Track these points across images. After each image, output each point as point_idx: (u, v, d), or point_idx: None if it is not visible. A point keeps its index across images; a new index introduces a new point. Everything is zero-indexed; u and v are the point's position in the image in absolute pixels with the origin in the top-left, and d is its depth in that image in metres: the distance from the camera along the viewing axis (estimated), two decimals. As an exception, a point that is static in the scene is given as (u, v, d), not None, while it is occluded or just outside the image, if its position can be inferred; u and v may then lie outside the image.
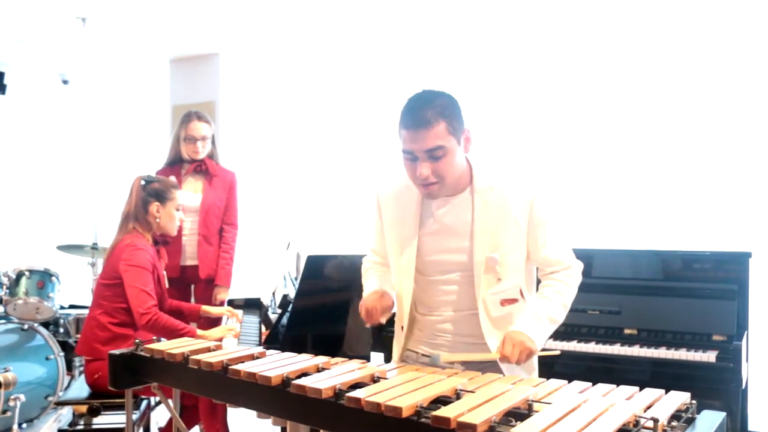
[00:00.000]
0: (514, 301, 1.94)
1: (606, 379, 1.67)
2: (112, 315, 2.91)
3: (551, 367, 3.13)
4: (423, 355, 2.05)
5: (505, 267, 1.91)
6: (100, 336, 2.91)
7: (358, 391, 1.50)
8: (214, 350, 2.02)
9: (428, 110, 1.78)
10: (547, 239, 1.94)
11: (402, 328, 2.06)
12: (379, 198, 2.10)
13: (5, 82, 5.61)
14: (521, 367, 1.95)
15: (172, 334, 2.79)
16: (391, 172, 2.11)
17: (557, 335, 3.14)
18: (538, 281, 2.06)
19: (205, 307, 3.34)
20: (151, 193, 3.03)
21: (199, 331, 2.92)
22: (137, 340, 2.15)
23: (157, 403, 3.56)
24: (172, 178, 3.38)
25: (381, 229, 2.11)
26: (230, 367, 1.79)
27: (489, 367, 1.91)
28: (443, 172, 1.83)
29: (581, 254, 3.34)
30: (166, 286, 3.22)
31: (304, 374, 1.70)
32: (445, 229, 1.96)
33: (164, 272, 3.12)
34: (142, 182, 3.06)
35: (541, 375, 2.03)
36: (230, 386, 1.78)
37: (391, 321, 2.17)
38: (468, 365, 1.94)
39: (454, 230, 1.95)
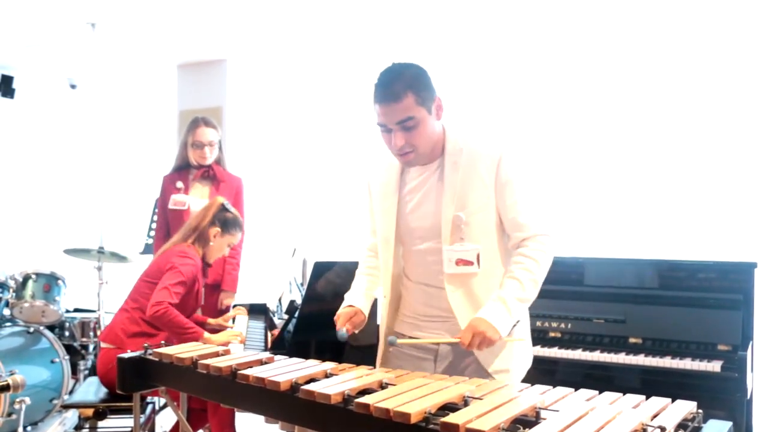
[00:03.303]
0: (469, 263, 1.93)
1: (611, 388, 1.67)
2: (145, 312, 2.97)
3: (554, 375, 3.15)
4: (410, 337, 2.08)
5: (471, 227, 1.93)
6: (128, 328, 2.99)
7: (366, 397, 1.51)
8: (222, 355, 2.03)
9: (396, 83, 1.86)
10: (515, 199, 1.93)
11: (384, 296, 2.11)
12: (369, 182, 2.17)
13: (14, 86, 5.65)
14: (499, 358, 1.98)
15: (179, 330, 2.85)
16: (377, 159, 2.18)
17: (562, 343, 3.15)
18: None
19: (211, 320, 3.38)
20: (221, 219, 3.18)
21: (206, 334, 2.94)
22: (146, 344, 2.17)
23: (162, 407, 3.57)
24: (197, 185, 3.52)
25: (372, 212, 2.17)
26: (239, 372, 1.80)
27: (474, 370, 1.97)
28: (416, 141, 1.90)
29: (587, 263, 3.39)
30: (202, 302, 3.32)
31: (313, 380, 1.71)
32: (421, 197, 2.00)
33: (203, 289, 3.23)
34: (221, 205, 3.21)
35: (544, 382, 2.04)
36: (239, 391, 1.80)
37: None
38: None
39: (427, 196, 1.99)
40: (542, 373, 3.12)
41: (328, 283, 2.96)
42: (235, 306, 3.62)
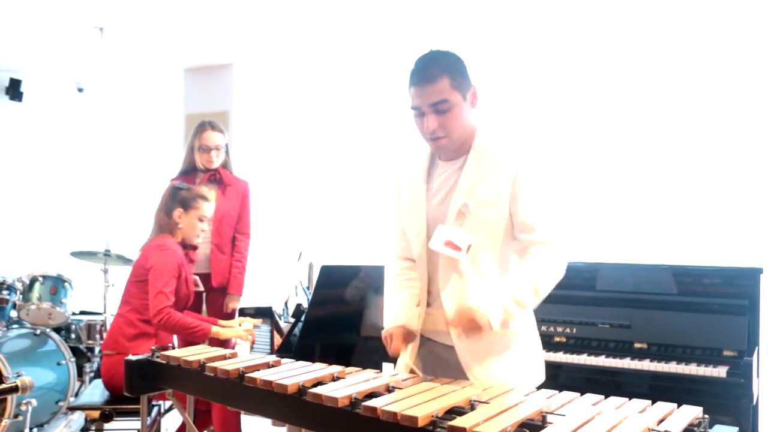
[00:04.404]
0: (456, 248, 1.84)
1: (616, 393, 1.67)
2: (139, 312, 3.01)
3: (559, 379, 3.14)
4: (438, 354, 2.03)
5: (474, 218, 1.87)
6: (126, 332, 3.01)
7: (374, 400, 1.51)
8: (229, 358, 2.04)
9: (433, 67, 1.86)
10: (528, 202, 1.87)
11: (418, 304, 2.02)
12: (398, 182, 2.12)
13: (22, 89, 5.69)
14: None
15: (186, 331, 2.89)
16: (404, 159, 2.15)
17: (567, 348, 3.15)
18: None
19: (220, 324, 3.32)
20: (177, 199, 3.18)
21: (214, 328, 2.95)
22: (153, 347, 2.18)
23: (167, 410, 3.58)
24: (203, 189, 3.45)
25: (401, 212, 2.10)
26: (246, 374, 1.81)
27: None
28: (449, 126, 1.87)
29: (592, 267, 3.39)
30: (194, 288, 3.31)
31: (320, 383, 1.72)
32: (446, 193, 1.96)
33: (192, 275, 3.23)
34: (172, 188, 3.22)
35: (549, 387, 2.04)
36: (246, 394, 1.80)
37: None
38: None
39: (451, 191, 1.94)
40: (547, 377, 3.11)
41: (335, 286, 2.97)
42: (241, 310, 3.63)
